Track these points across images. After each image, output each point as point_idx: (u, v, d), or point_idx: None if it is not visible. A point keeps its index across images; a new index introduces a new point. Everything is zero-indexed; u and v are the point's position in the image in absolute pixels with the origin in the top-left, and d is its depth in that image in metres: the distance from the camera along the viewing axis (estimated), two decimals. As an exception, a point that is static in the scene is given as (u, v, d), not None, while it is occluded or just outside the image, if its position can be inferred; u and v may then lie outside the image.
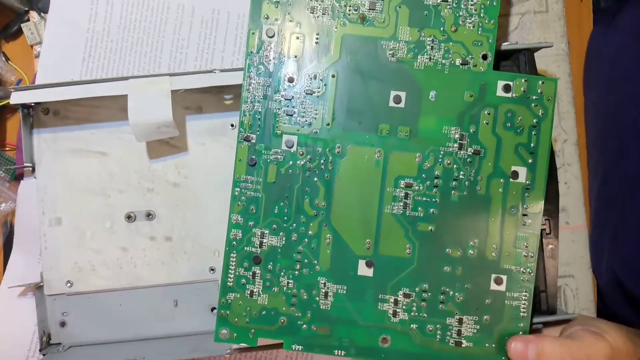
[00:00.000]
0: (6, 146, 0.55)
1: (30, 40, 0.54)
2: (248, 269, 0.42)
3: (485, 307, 0.42)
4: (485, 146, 0.42)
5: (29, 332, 0.52)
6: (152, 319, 0.51)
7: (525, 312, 0.42)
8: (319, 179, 0.42)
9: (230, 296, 0.42)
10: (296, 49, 0.42)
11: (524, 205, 0.42)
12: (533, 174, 0.42)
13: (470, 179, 0.42)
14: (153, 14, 0.54)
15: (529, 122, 0.42)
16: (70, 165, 0.50)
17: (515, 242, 0.42)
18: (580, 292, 0.53)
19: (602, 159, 0.52)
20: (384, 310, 0.42)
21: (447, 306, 0.42)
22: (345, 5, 0.42)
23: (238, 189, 0.42)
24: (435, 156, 0.42)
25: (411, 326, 0.42)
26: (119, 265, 0.51)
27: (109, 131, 0.50)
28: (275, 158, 0.42)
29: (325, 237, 0.42)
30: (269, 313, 0.42)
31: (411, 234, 0.42)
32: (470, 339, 0.42)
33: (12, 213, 0.53)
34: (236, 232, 0.42)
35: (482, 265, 0.42)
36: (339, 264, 0.42)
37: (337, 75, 0.42)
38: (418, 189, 0.42)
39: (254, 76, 0.42)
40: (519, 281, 0.42)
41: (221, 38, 0.54)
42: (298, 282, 0.42)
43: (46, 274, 0.50)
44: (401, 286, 0.42)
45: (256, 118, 0.42)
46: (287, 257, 0.42)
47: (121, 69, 0.54)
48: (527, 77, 0.42)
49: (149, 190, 0.51)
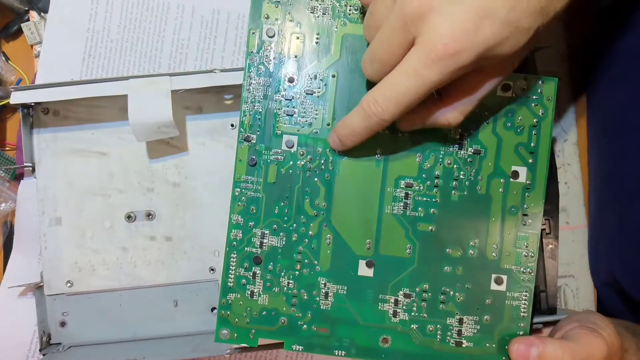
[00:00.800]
0: (6, 146, 0.55)
1: (30, 40, 0.54)
2: (248, 270, 0.42)
3: (485, 307, 0.42)
4: (485, 146, 0.42)
5: (29, 332, 0.52)
6: (152, 319, 0.51)
7: (525, 312, 0.42)
8: (319, 179, 0.42)
9: (230, 296, 0.42)
10: (296, 49, 0.42)
11: (524, 205, 0.42)
12: (533, 173, 0.42)
13: (471, 179, 0.42)
14: (153, 14, 0.54)
15: (529, 122, 0.42)
16: (70, 165, 0.50)
17: (515, 242, 0.42)
18: (580, 292, 0.53)
19: (603, 161, 0.52)
20: (385, 310, 0.42)
21: (448, 306, 0.42)
22: (345, 5, 0.41)
23: (238, 189, 0.42)
24: (435, 156, 0.42)
25: (411, 326, 0.42)
26: (119, 265, 0.51)
27: (109, 131, 0.50)
28: (276, 158, 0.42)
29: (326, 237, 0.42)
30: (269, 313, 0.42)
31: (411, 234, 0.42)
32: (470, 339, 0.42)
33: (12, 213, 0.53)
34: (236, 233, 0.42)
35: (483, 265, 0.42)
36: (339, 264, 0.42)
37: (337, 75, 0.42)
38: (418, 189, 0.42)
39: (254, 76, 0.42)
40: (519, 281, 0.42)
41: (221, 38, 0.54)
42: (298, 282, 0.42)
43: (46, 274, 0.50)
44: (401, 286, 0.42)
45: (256, 118, 0.42)
46: (288, 258, 0.42)
47: (121, 68, 0.54)
48: (527, 77, 0.42)
49: (149, 190, 0.51)
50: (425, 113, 0.38)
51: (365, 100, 0.36)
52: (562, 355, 0.38)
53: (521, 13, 0.32)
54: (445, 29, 0.32)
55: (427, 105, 0.37)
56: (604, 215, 0.52)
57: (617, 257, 0.49)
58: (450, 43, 0.32)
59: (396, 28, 0.34)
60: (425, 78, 0.33)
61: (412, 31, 0.33)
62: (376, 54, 0.36)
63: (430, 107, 0.37)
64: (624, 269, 0.48)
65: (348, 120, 0.39)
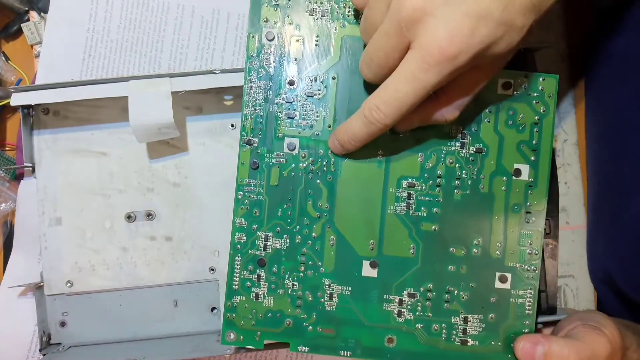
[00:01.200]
0: (6, 146, 0.55)
1: (30, 40, 0.54)
2: (253, 272, 0.42)
3: (490, 306, 0.42)
4: (487, 144, 0.42)
5: (29, 332, 0.52)
6: (152, 319, 0.51)
7: (530, 310, 0.42)
8: (322, 181, 0.42)
9: (236, 299, 0.42)
10: (296, 52, 0.42)
11: (527, 203, 0.42)
12: (536, 171, 0.42)
13: (473, 178, 0.42)
14: (153, 14, 0.54)
15: (530, 120, 0.42)
16: (70, 165, 0.50)
17: (519, 240, 0.42)
18: (580, 292, 0.54)
19: (600, 160, 0.52)
20: (389, 310, 0.42)
21: (452, 305, 0.42)
22: (344, 7, 0.41)
23: (241, 192, 0.42)
24: (437, 155, 0.42)
25: (416, 326, 0.42)
26: (119, 265, 0.51)
27: (109, 131, 0.51)
28: (278, 161, 0.42)
29: (329, 238, 0.42)
30: (274, 315, 0.42)
31: (415, 233, 0.42)
32: (475, 338, 0.42)
33: (12, 213, 0.53)
34: (240, 236, 0.42)
35: (487, 264, 0.42)
36: (343, 265, 0.42)
37: (337, 77, 0.42)
38: (421, 189, 0.42)
39: (254, 80, 0.42)
40: (523, 279, 0.42)
41: (221, 38, 0.54)
42: (303, 284, 0.42)
43: (46, 274, 0.50)
44: (406, 286, 0.42)
45: (258, 122, 0.41)
46: (292, 260, 0.42)
47: (121, 69, 0.54)
48: (528, 74, 0.42)
49: (149, 190, 0.51)
50: (423, 112, 0.38)
51: (367, 107, 0.36)
52: (568, 354, 0.38)
53: (514, 12, 0.33)
54: (441, 33, 0.32)
55: (424, 105, 0.37)
56: (601, 214, 0.52)
57: (612, 256, 0.49)
58: (447, 46, 0.32)
59: (391, 32, 0.34)
60: (423, 82, 0.34)
61: (407, 35, 0.33)
62: (373, 58, 0.36)
63: (427, 106, 0.38)
64: (620, 268, 0.49)
65: (349, 126, 0.39)
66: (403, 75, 0.34)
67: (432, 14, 0.32)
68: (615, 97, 0.50)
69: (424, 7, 0.32)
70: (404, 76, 0.34)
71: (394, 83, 0.35)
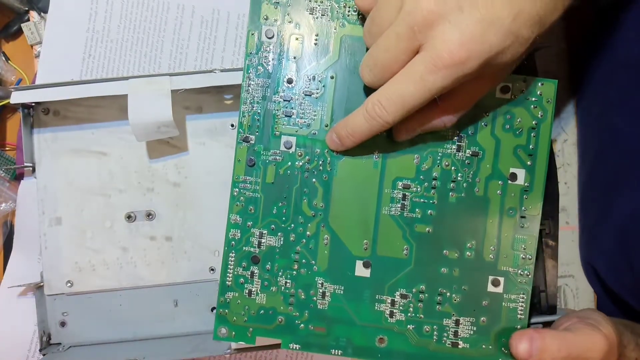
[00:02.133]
0: (6, 146, 0.55)
1: (30, 40, 0.54)
2: (246, 269, 0.42)
3: (482, 309, 0.42)
4: (483, 148, 0.42)
5: (29, 332, 0.52)
6: (152, 319, 0.51)
7: (522, 314, 0.42)
8: (317, 180, 0.42)
9: (228, 295, 0.42)
10: (295, 50, 0.42)
11: (522, 207, 0.42)
12: (532, 176, 0.42)
13: (469, 181, 0.42)
14: (153, 14, 0.54)
15: (528, 124, 0.42)
16: (70, 165, 0.50)
17: (513, 244, 0.42)
18: (580, 292, 0.53)
19: (585, 160, 0.52)
20: (381, 310, 0.42)
21: (444, 307, 0.42)
22: (344, 6, 0.41)
23: (237, 189, 0.42)
24: (433, 158, 0.42)
25: (408, 327, 0.42)
26: (119, 265, 0.51)
27: (109, 131, 0.51)
28: (274, 159, 0.42)
29: (323, 237, 0.42)
30: (267, 312, 0.42)
31: (409, 235, 0.42)
32: (466, 340, 0.42)
33: (12, 213, 0.53)
34: (235, 232, 0.42)
35: (480, 267, 0.42)
36: (336, 265, 0.42)
37: (335, 77, 0.42)
38: (416, 191, 0.42)
39: (253, 77, 0.42)
40: (516, 283, 0.42)
41: (221, 38, 0.54)
42: (296, 282, 0.42)
43: (46, 274, 0.50)
44: (398, 287, 0.42)
45: (255, 119, 0.42)
46: (285, 257, 0.42)
47: (121, 68, 0.54)
48: (527, 79, 0.41)
49: (149, 190, 0.51)
50: (422, 118, 0.38)
51: (370, 103, 0.37)
52: (559, 346, 0.38)
53: (522, 23, 0.33)
54: (453, 37, 0.33)
55: (423, 111, 0.37)
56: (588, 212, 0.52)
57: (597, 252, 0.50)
58: (457, 51, 0.33)
59: (402, 35, 0.34)
60: (429, 84, 0.34)
61: (418, 38, 0.34)
62: (378, 60, 0.36)
63: (427, 113, 0.38)
64: (604, 263, 0.49)
65: (350, 120, 0.39)
66: (410, 76, 0.35)
67: (445, 19, 0.33)
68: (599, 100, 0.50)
69: (439, 11, 0.33)
70: (411, 76, 0.35)
71: (400, 82, 0.35)
